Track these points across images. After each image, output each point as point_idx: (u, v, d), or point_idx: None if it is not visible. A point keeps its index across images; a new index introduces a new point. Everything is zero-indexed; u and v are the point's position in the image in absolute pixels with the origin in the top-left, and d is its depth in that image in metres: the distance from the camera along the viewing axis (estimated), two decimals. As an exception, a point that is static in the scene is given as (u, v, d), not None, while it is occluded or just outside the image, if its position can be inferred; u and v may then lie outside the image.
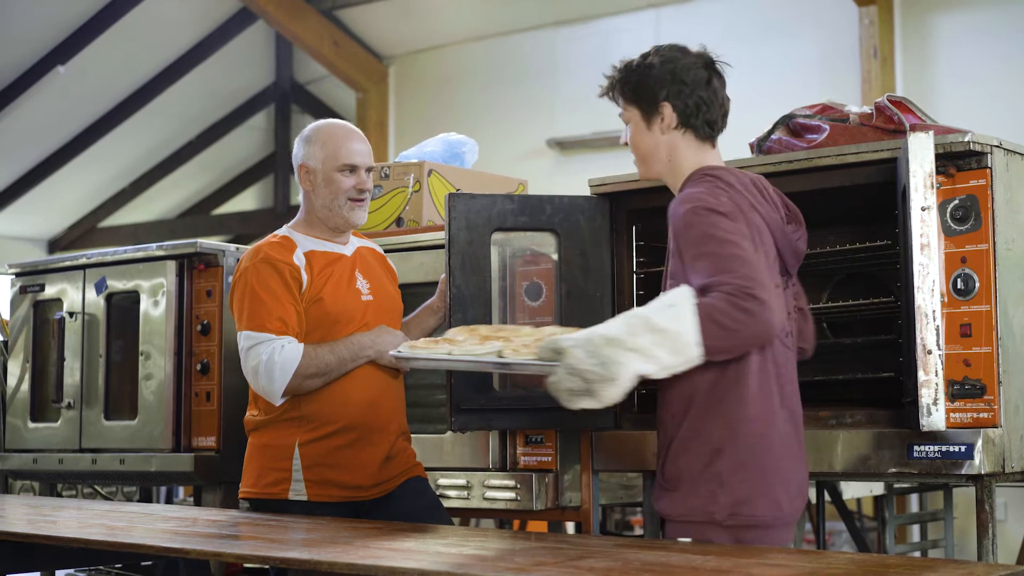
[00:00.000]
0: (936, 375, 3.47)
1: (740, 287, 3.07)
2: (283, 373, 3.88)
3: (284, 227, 4.16)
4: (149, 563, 5.63)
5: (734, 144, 4.71)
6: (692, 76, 3.43)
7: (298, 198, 4.22)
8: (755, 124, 4.40)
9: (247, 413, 4.10)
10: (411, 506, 4.07)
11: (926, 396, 3.47)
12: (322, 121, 4.24)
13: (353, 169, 4.09)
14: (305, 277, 3.99)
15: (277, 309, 3.92)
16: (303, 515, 3.86)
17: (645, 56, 3.46)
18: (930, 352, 3.48)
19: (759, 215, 3.29)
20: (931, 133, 3.57)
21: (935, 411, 3.47)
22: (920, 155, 3.53)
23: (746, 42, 10.37)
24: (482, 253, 4.22)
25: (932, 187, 3.52)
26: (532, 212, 4.25)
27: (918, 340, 3.49)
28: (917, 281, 3.51)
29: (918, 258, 3.51)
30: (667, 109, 3.42)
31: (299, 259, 4.00)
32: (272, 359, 3.88)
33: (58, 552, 4.01)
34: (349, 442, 3.99)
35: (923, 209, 3.52)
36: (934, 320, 3.49)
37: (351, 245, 4.18)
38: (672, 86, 3.41)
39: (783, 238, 3.35)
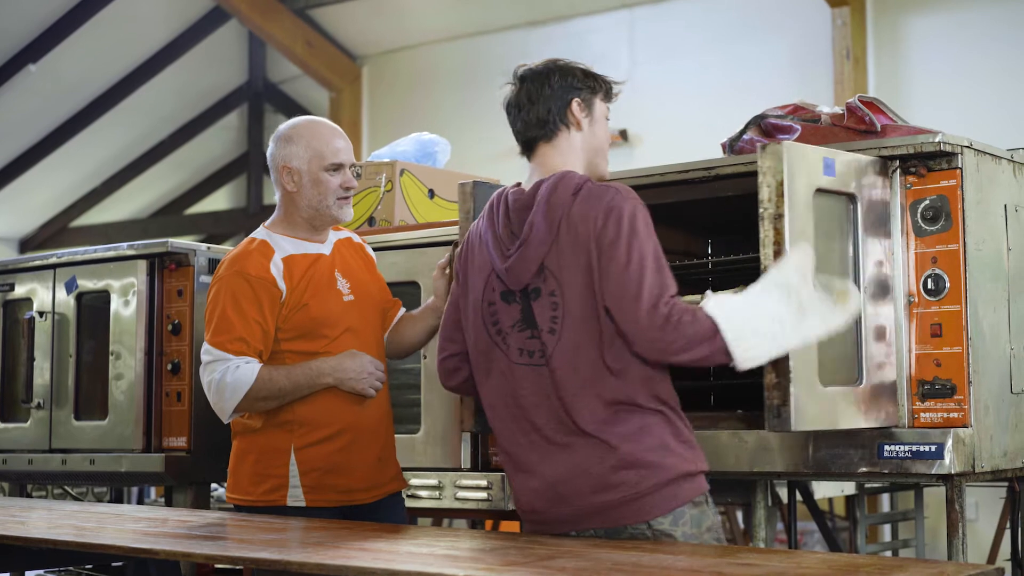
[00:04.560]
0: (786, 377, 3.43)
1: None
2: (233, 394, 3.89)
3: (261, 228, 4.11)
4: (119, 564, 5.60)
5: (707, 144, 4.73)
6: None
7: (271, 199, 4.18)
8: (727, 124, 4.41)
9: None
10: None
11: (776, 398, 3.42)
12: (300, 119, 4.17)
13: (339, 167, 4.06)
14: (284, 286, 3.95)
15: (240, 328, 3.91)
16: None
17: None
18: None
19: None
20: (781, 145, 3.54)
21: (784, 412, 3.43)
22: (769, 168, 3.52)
23: (719, 42, 10.40)
24: None
25: (782, 196, 3.48)
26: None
27: None
28: None
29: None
30: None
31: (276, 267, 3.96)
32: (224, 379, 3.88)
33: (27, 553, 3.99)
34: (343, 445, 3.98)
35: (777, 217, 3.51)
36: None
37: (329, 242, 4.15)
38: None
39: (495, 261, 3.45)
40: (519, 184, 3.55)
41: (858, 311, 3.44)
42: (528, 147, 3.56)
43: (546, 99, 3.49)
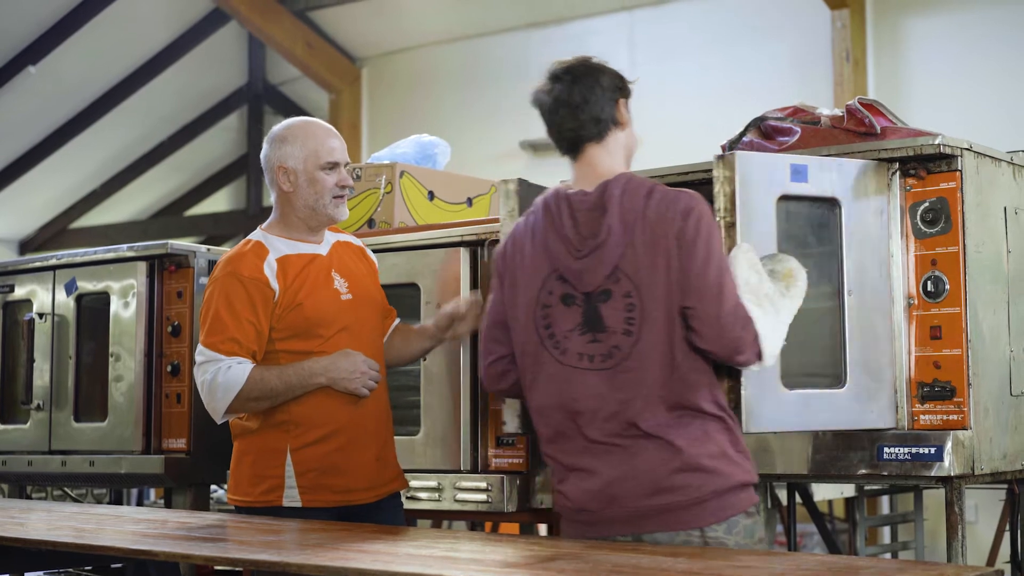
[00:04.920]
0: (737, 381, 3.49)
1: None
2: (225, 394, 3.89)
3: (258, 230, 4.12)
4: (119, 565, 5.60)
5: (706, 145, 4.72)
6: (536, 107, 3.54)
7: (272, 200, 4.18)
8: (728, 126, 4.41)
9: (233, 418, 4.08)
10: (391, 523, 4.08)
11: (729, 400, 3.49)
12: (293, 120, 4.19)
13: (334, 166, 4.07)
14: (277, 286, 3.96)
15: (233, 328, 3.91)
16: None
17: None
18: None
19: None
20: (734, 154, 3.58)
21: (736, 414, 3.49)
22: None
23: (719, 44, 10.40)
24: None
25: (735, 204, 3.54)
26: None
27: None
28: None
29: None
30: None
31: (270, 268, 3.97)
32: (216, 380, 3.89)
33: (26, 554, 3.99)
34: (340, 446, 3.98)
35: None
36: None
37: (327, 243, 4.15)
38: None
39: (560, 262, 3.39)
40: (566, 183, 3.49)
41: (806, 284, 3.50)
42: (574, 147, 3.48)
43: (598, 98, 3.44)
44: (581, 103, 3.43)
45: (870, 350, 3.73)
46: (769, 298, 3.39)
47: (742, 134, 4.25)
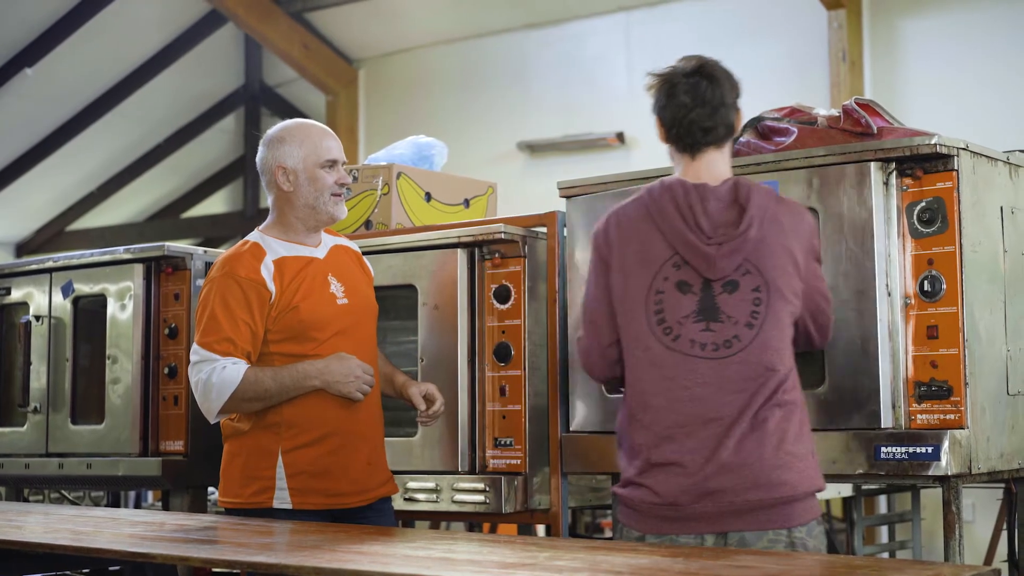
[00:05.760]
0: None
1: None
2: (219, 395, 3.90)
3: (256, 231, 4.13)
4: (116, 568, 5.60)
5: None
6: (664, 92, 3.46)
7: (267, 202, 4.18)
8: (724, 127, 4.40)
9: (224, 419, 4.08)
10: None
11: None
12: (290, 121, 4.22)
13: (333, 164, 4.10)
14: (273, 288, 3.97)
15: (229, 329, 3.92)
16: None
17: None
18: None
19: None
20: None
21: None
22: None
23: (715, 45, 10.34)
24: None
25: None
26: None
27: None
28: None
29: None
30: (657, 121, 3.51)
31: (267, 269, 3.98)
32: (210, 380, 3.89)
33: (24, 557, 3.98)
34: (332, 449, 3.99)
35: None
36: None
37: (324, 246, 4.16)
38: (657, 100, 3.49)
39: (686, 248, 3.32)
40: (681, 179, 3.42)
41: None
42: (697, 146, 3.43)
43: (731, 104, 3.45)
44: (719, 106, 3.42)
45: (853, 351, 3.74)
46: None
47: (739, 135, 4.25)
